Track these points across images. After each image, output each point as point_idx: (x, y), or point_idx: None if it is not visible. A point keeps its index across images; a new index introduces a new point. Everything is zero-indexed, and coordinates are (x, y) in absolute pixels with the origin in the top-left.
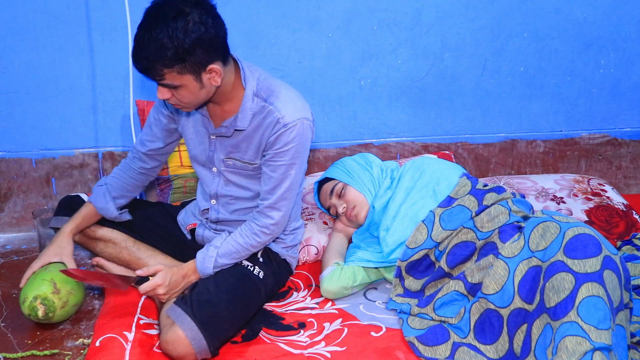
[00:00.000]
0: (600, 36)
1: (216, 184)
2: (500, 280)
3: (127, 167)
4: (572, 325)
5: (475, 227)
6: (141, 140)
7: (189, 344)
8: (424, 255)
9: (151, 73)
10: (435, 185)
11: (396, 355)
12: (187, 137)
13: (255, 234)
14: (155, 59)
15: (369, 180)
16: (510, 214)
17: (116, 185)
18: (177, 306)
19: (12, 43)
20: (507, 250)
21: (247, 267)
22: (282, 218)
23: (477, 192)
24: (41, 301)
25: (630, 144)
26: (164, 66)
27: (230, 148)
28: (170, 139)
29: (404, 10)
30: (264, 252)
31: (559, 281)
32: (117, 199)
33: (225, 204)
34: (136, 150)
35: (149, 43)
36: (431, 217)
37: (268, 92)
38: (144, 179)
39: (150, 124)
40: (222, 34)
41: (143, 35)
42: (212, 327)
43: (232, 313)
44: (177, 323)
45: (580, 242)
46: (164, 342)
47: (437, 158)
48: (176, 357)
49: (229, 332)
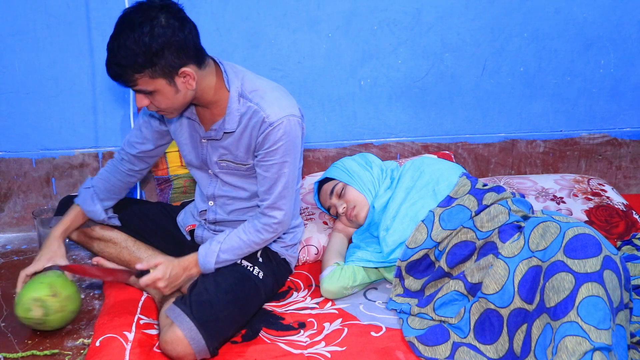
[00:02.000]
0: (600, 36)
1: (213, 185)
2: (500, 280)
3: (114, 169)
4: (572, 325)
5: (475, 227)
6: (130, 142)
7: (187, 344)
8: (423, 255)
9: (124, 79)
10: (435, 185)
11: (396, 355)
12: (180, 142)
13: (258, 231)
14: (126, 64)
15: (369, 180)
16: (510, 214)
17: (103, 187)
18: (176, 306)
19: (12, 43)
20: (507, 250)
21: (246, 267)
22: (284, 216)
23: (476, 192)
24: (39, 303)
25: (630, 144)
26: (135, 72)
27: (222, 150)
28: (161, 141)
29: (404, 10)
30: (264, 252)
31: (559, 281)
32: (104, 200)
33: (223, 204)
34: (125, 152)
35: (118, 50)
36: (431, 217)
37: (253, 92)
38: (131, 180)
39: (140, 126)
40: (191, 37)
41: (112, 43)
42: (211, 327)
43: (231, 313)
44: (176, 323)
45: (580, 242)
46: (163, 342)
47: (437, 158)
48: (175, 357)
49: (228, 332)
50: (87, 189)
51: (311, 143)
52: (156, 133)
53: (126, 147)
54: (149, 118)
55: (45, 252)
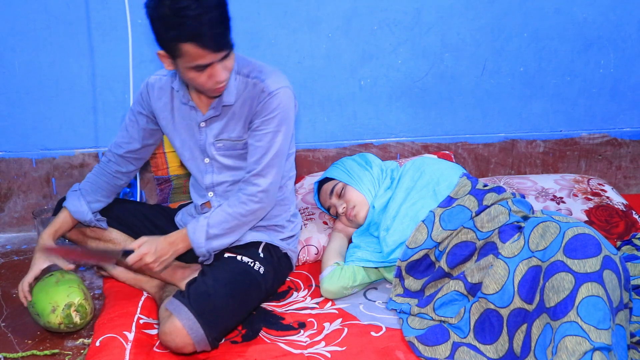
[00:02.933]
0: (600, 36)
1: (210, 174)
2: (500, 280)
3: (100, 171)
4: (571, 325)
5: (475, 227)
6: (117, 143)
7: (186, 334)
8: (424, 255)
9: (229, 45)
10: (436, 186)
11: (396, 355)
12: (174, 135)
13: (243, 203)
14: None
15: (369, 180)
16: (510, 214)
17: (90, 189)
18: (174, 299)
19: (12, 43)
20: (507, 250)
21: (247, 263)
22: (270, 185)
23: (477, 192)
24: (76, 308)
25: (630, 144)
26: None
27: (218, 130)
28: (148, 140)
29: (404, 10)
30: (265, 247)
31: (558, 281)
32: (91, 203)
33: (223, 192)
34: (112, 152)
35: (222, 20)
36: (431, 217)
37: (249, 68)
38: (118, 183)
39: (126, 126)
40: None
41: (213, 13)
42: (210, 317)
43: (230, 305)
44: (174, 314)
45: (579, 242)
46: (162, 334)
47: (437, 158)
48: (175, 349)
49: (228, 324)
50: (74, 192)
51: (311, 143)
52: (143, 131)
53: (113, 148)
54: (136, 117)
55: (38, 255)
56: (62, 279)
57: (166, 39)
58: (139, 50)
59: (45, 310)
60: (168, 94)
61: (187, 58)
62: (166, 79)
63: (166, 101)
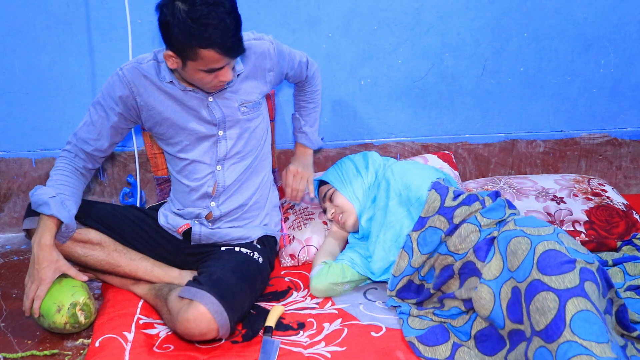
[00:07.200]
0: (600, 36)
1: (224, 146)
2: (487, 306)
3: (71, 171)
4: (571, 345)
5: (450, 252)
6: (82, 138)
7: (212, 318)
8: (408, 281)
9: (243, 50)
10: (409, 206)
11: (396, 355)
12: (177, 123)
13: (314, 77)
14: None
15: (359, 187)
16: (481, 231)
17: (69, 192)
18: (191, 287)
19: (12, 43)
20: (488, 272)
21: (247, 254)
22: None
23: (445, 211)
24: (81, 307)
25: (630, 144)
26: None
27: (239, 97)
28: (116, 139)
29: (404, 10)
30: (260, 239)
31: (541, 302)
32: (72, 209)
33: (231, 165)
34: (78, 148)
35: (237, 26)
36: (409, 243)
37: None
38: (86, 181)
39: (93, 122)
40: None
41: (228, 18)
42: (230, 301)
43: (243, 289)
44: (196, 299)
45: (552, 258)
46: (184, 321)
47: (407, 164)
48: (198, 335)
49: (243, 308)
50: (53, 198)
51: None
52: (112, 129)
53: (79, 143)
54: (106, 112)
55: (45, 265)
56: (65, 278)
57: (183, 44)
58: (139, 50)
59: (51, 310)
60: (153, 85)
61: (202, 62)
62: (146, 68)
63: (155, 92)
